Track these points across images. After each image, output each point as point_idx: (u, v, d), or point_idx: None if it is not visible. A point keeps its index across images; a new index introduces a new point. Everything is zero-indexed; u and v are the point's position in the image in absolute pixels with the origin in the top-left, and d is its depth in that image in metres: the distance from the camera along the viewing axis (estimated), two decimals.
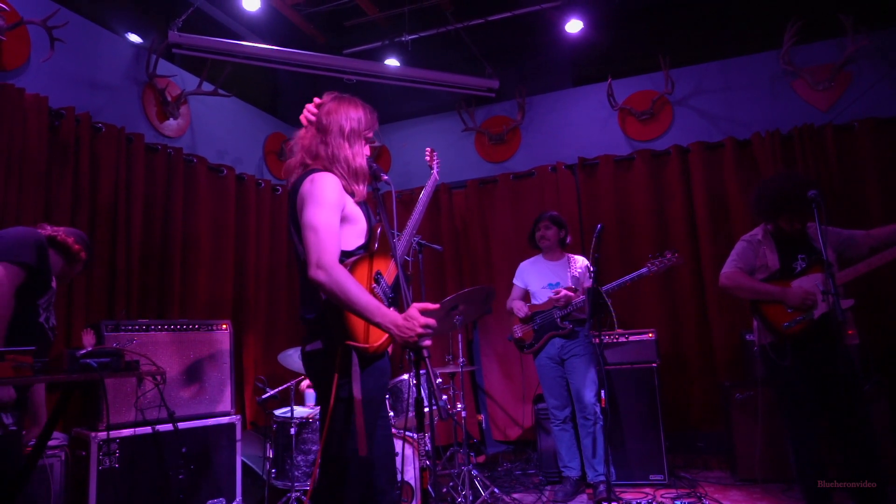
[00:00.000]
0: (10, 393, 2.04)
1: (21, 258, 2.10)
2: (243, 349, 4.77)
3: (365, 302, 1.77)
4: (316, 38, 5.64)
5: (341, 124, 2.00)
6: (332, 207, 1.88)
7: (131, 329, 3.40)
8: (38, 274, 2.19)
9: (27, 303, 2.19)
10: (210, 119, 5.01)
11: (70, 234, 2.46)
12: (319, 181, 1.90)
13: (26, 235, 2.19)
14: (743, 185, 4.73)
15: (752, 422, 3.94)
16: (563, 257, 4.10)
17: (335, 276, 1.76)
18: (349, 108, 2.04)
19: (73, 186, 3.69)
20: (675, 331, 4.84)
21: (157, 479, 3.23)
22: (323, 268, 1.77)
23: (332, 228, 1.85)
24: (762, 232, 3.03)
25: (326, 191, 1.88)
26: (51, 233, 2.39)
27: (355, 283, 1.79)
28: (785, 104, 4.86)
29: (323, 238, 1.81)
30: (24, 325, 2.20)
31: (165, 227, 4.30)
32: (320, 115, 2.03)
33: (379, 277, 2.00)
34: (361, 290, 1.78)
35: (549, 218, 4.09)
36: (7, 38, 3.45)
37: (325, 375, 1.89)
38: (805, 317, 2.82)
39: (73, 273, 2.55)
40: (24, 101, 3.46)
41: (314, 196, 1.87)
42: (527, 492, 4.13)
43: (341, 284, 1.76)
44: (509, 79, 5.53)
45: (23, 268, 2.11)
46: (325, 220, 1.84)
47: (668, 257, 3.83)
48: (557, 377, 3.96)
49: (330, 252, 1.80)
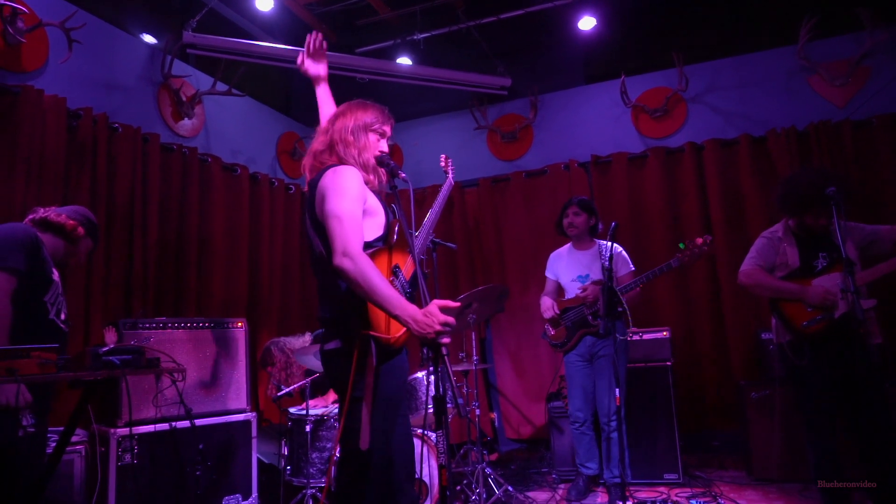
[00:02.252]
0: (26, 396, 2.05)
1: (8, 263, 2.07)
2: (258, 347, 4.81)
3: (387, 293, 1.78)
4: (328, 37, 5.64)
5: (347, 123, 2.08)
6: (355, 198, 1.91)
7: (149, 327, 3.44)
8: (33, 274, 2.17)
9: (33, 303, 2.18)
10: (224, 119, 5.04)
11: (63, 212, 2.40)
12: (342, 173, 1.95)
13: (14, 237, 2.14)
14: (758, 182, 4.69)
15: (768, 421, 3.91)
16: (594, 246, 3.91)
17: (360, 265, 1.77)
18: (357, 110, 2.14)
19: (90, 186, 3.73)
20: (689, 329, 4.81)
21: (175, 476, 3.26)
22: (349, 255, 1.78)
23: (355, 218, 1.87)
24: (783, 228, 2.99)
25: (348, 182, 1.92)
26: (43, 215, 2.34)
27: (378, 273, 1.80)
28: (801, 100, 4.81)
29: (347, 227, 1.83)
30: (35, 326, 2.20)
31: (181, 226, 4.33)
32: (335, 117, 2.12)
33: (397, 271, 2.02)
34: (384, 281, 1.80)
35: (578, 203, 3.89)
36: (26, 40, 3.49)
37: (343, 374, 1.90)
38: (825, 316, 2.79)
39: (80, 251, 2.47)
40: (43, 103, 3.50)
41: (337, 187, 1.91)
42: (540, 490, 4.12)
43: (365, 273, 1.77)
44: (521, 77, 5.52)
45: (12, 273, 2.08)
46: (348, 209, 1.87)
47: (700, 244, 3.42)
48: (586, 377, 3.81)
49: (355, 241, 1.82)
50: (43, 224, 2.33)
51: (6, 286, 2.05)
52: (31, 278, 2.16)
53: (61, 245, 2.39)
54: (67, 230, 2.36)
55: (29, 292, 2.15)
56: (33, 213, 2.37)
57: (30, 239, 2.18)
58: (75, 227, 2.38)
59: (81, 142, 3.71)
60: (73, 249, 2.44)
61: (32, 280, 2.17)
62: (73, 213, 2.45)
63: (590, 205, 3.93)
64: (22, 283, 2.11)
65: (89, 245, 2.53)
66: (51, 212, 2.37)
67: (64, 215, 2.39)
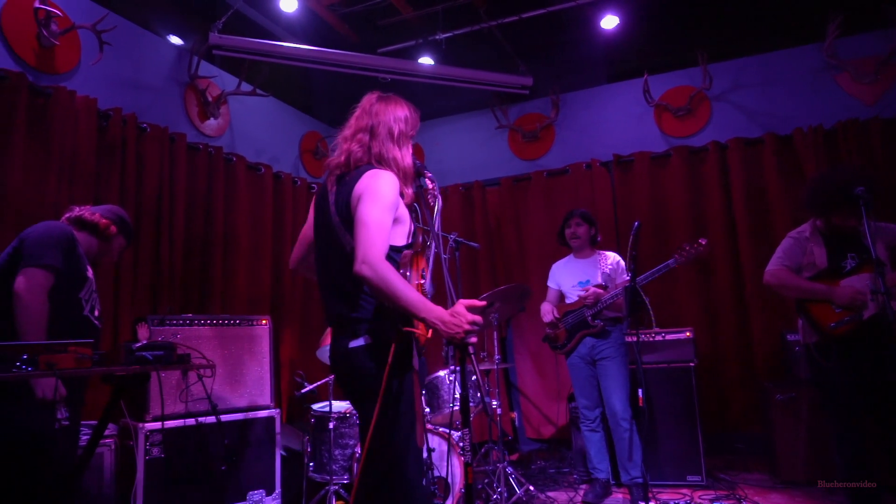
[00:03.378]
0: (61, 390, 2.11)
1: (45, 260, 2.14)
2: (280, 344, 4.87)
3: (411, 297, 1.76)
4: (350, 37, 5.69)
5: (390, 126, 2.02)
6: (388, 207, 1.88)
7: (176, 324, 3.50)
8: (69, 271, 2.23)
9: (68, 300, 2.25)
10: (248, 118, 5.11)
11: (97, 211, 2.47)
12: (381, 179, 1.91)
13: (50, 235, 2.21)
14: (783, 181, 4.63)
15: (794, 423, 3.87)
16: (594, 254, 4.04)
17: (380, 272, 1.75)
18: (396, 109, 2.07)
19: (119, 185, 3.81)
20: (712, 330, 4.77)
21: (201, 470, 3.32)
22: (368, 263, 1.76)
23: (383, 226, 1.84)
24: (810, 228, 2.95)
25: (385, 190, 1.89)
26: (78, 213, 2.40)
27: (400, 278, 1.79)
28: (828, 98, 4.74)
29: (372, 234, 1.80)
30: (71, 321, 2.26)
31: (207, 225, 4.41)
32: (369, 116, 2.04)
33: (425, 275, 2.02)
34: (407, 286, 1.78)
35: (580, 215, 4.03)
36: (60, 43, 3.57)
37: (372, 371, 1.87)
38: (853, 317, 2.75)
39: (113, 249, 2.53)
40: (76, 103, 3.59)
41: (373, 192, 1.88)
42: (561, 490, 4.12)
43: (386, 279, 1.75)
44: (543, 76, 5.51)
45: (49, 270, 2.15)
46: (378, 217, 1.84)
47: (695, 247, 3.62)
48: (589, 377, 3.90)
49: (377, 248, 1.79)
50: (78, 222, 2.40)
51: (44, 282, 2.12)
52: (67, 275, 2.22)
53: (95, 243, 2.46)
54: (101, 228, 2.42)
55: (65, 289, 2.22)
56: (69, 212, 2.44)
57: (66, 237, 2.25)
58: (108, 226, 2.45)
59: (111, 141, 3.79)
60: (106, 247, 2.50)
61: (68, 277, 2.23)
62: (106, 211, 2.52)
63: (590, 216, 4.06)
64: (58, 279, 2.18)
65: (122, 243, 2.59)
66: (85, 210, 2.43)
67: (98, 214, 2.45)
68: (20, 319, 2.07)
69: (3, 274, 2.19)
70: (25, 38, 3.48)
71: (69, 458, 2.32)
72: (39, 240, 2.18)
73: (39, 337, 2.06)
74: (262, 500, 3.55)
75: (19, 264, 2.14)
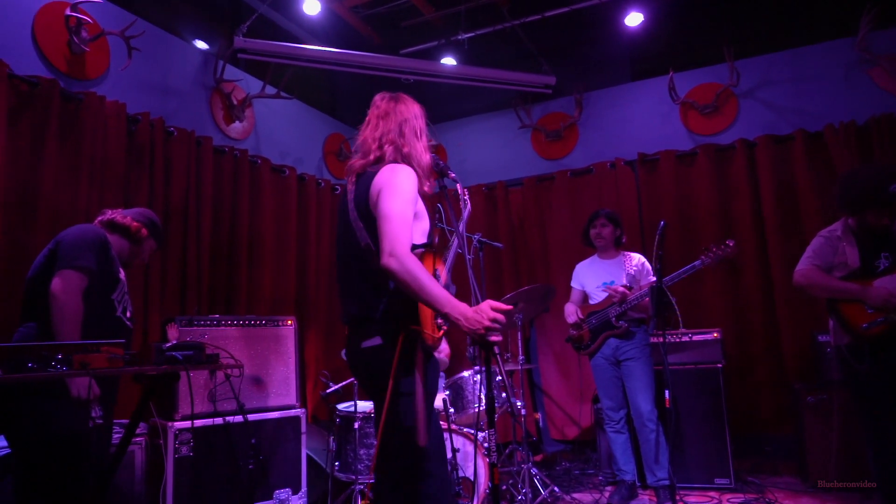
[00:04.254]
0: (95, 389, 2.16)
1: (80, 262, 2.20)
2: (305, 345, 4.91)
3: (437, 292, 1.78)
4: (373, 39, 5.73)
5: (413, 124, 2.07)
6: (409, 200, 1.90)
7: (203, 324, 3.55)
8: (103, 273, 2.29)
9: (101, 301, 2.31)
10: (272, 121, 5.17)
11: (128, 214, 2.53)
12: (400, 173, 1.94)
13: (84, 238, 2.28)
14: (814, 179, 4.53)
15: (825, 426, 3.78)
16: (619, 255, 4.00)
17: (408, 265, 1.77)
18: (411, 106, 2.12)
19: (148, 188, 3.88)
20: (741, 331, 4.69)
21: (228, 469, 3.36)
22: (395, 256, 1.78)
23: (406, 219, 1.86)
24: (842, 227, 2.88)
25: (405, 183, 1.92)
26: (110, 216, 2.47)
27: (426, 272, 1.80)
28: (861, 94, 4.62)
29: (396, 227, 1.82)
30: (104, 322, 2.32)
31: (233, 226, 4.46)
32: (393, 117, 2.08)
33: (437, 275, 2.03)
34: (433, 280, 1.80)
35: (605, 215, 3.99)
36: (90, 49, 3.65)
37: (382, 370, 1.90)
38: (887, 318, 2.67)
39: (144, 251, 2.60)
40: (105, 108, 3.66)
41: (393, 186, 1.90)
42: (586, 491, 4.09)
43: (413, 273, 1.77)
44: (566, 75, 5.47)
45: (84, 272, 2.21)
46: (400, 210, 1.86)
47: (722, 248, 3.58)
48: (613, 378, 3.86)
49: (403, 241, 1.81)
50: (110, 225, 2.46)
51: (79, 284, 2.18)
52: (100, 277, 2.28)
53: (126, 245, 2.51)
54: (132, 231, 2.48)
55: (98, 290, 2.27)
56: (101, 215, 2.51)
57: (99, 240, 2.31)
58: (139, 229, 2.51)
59: (140, 145, 3.86)
60: (137, 250, 2.56)
61: (102, 279, 2.29)
62: (137, 215, 2.57)
63: (616, 217, 4.02)
64: (92, 281, 2.23)
65: (153, 246, 2.65)
66: (117, 214, 2.50)
67: (129, 217, 2.51)
68: (56, 320, 2.13)
69: (40, 275, 2.25)
70: (57, 45, 3.56)
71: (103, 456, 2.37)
72: (74, 242, 2.24)
73: (74, 337, 2.12)
74: (288, 498, 3.59)
75: (55, 266, 2.20)
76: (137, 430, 3.04)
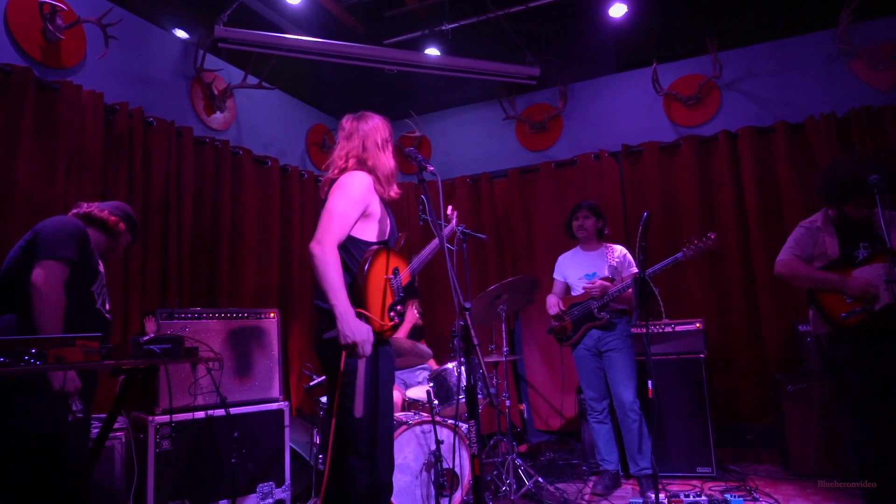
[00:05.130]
0: (76, 383, 2.13)
1: (62, 253, 2.17)
2: (288, 337, 4.88)
3: (336, 284, 1.97)
4: (356, 29, 5.67)
5: (374, 138, 2.28)
6: (353, 199, 2.11)
7: (184, 317, 3.50)
8: (84, 264, 2.26)
9: (82, 292, 2.27)
10: (255, 112, 5.10)
11: (105, 208, 2.50)
12: (352, 177, 2.16)
13: (64, 229, 2.25)
14: (795, 170, 4.57)
15: (806, 415, 3.84)
16: (601, 247, 4.01)
17: (327, 255, 2.00)
18: (370, 120, 2.32)
19: (127, 179, 3.82)
20: (723, 321, 4.73)
21: (211, 463, 3.33)
22: (320, 243, 2.01)
23: (344, 216, 2.08)
24: (822, 218, 2.91)
25: (354, 186, 2.13)
26: (86, 210, 2.44)
27: (338, 268, 2.01)
28: (841, 85, 4.66)
29: (334, 221, 2.06)
30: (84, 314, 2.29)
31: (214, 218, 4.41)
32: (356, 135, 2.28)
33: (396, 272, 2.20)
34: (339, 276, 1.99)
35: (587, 207, 3.99)
36: (65, 37, 3.57)
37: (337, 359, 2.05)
38: (865, 308, 2.71)
39: (120, 245, 2.58)
40: (82, 98, 3.59)
41: (342, 187, 2.14)
42: (570, 481, 4.11)
43: (327, 263, 1.99)
44: (551, 66, 5.46)
45: (66, 263, 2.18)
46: (341, 207, 2.08)
47: (704, 241, 3.61)
48: (595, 368, 3.89)
49: (333, 233, 2.04)
50: (87, 218, 2.41)
51: (60, 274, 2.14)
52: (81, 268, 2.24)
53: (103, 239, 2.48)
54: (109, 225, 2.45)
55: (79, 282, 2.24)
56: (77, 208, 2.45)
57: (79, 231, 2.27)
58: (117, 223, 2.47)
59: (118, 136, 3.79)
60: (113, 244, 2.52)
61: (83, 270, 2.25)
62: (114, 209, 2.53)
63: (598, 209, 4.02)
64: (73, 272, 2.20)
65: (128, 240, 2.61)
66: (94, 207, 2.46)
67: (106, 211, 2.47)
68: (38, 311, 2.08)
69: (17, 266, 2.21)
70: (31, 32, 3.48)
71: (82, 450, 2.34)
72: (55, 233, 2.20)
73: (56, 328, 2.09)
74: (271, 492, 3.57)
75: (35, 257, 2.16)
76: (117, 424, 3.02)
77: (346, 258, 2.11)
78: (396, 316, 2.17)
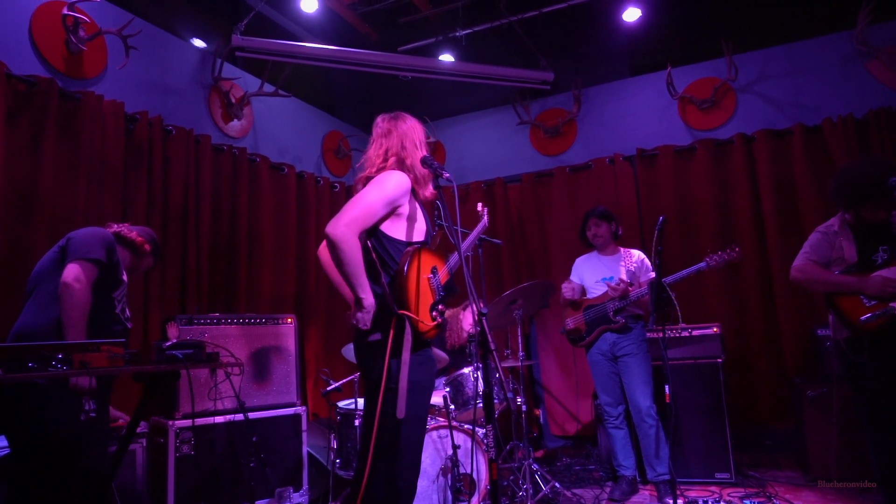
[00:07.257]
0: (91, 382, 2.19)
1: (92, 255, 2.30)
2: (305, 342, 4.91)
3: (357, 269, 1.95)
4: (371, 36, 5.72)
5: (411, 136, 2.25)
6: (385, 194, 2.06)
7: (203, 323, 3.55)
8: (110, 269, 2.37)
9: (104, 296, 2.37)
10: (271, 119, 5.16)
11: (134, 230, 2.67)
12: (388, 174, 2.12)
13: (96, 234, 2.40)
14: (813, 173, 4.53)
15: (826, 420, 3.79)
16: (618, 252, 4.00)
17: (346, 237, 1.93)
18: (409, 121, 2.30)
19: (147, 187, 3.88)
20: (740, 325, 4.69)
21: (230, 467, 3.37)
22: (340, 226, 1.94)
23: (371, 207, 2.03)
24: (839, 222, 2.88)
25: (389, 182, 2.09)
26: (116, 229, 2.59)
27: (358, 254, 1.97)
28: (859, 87, 4.62)
29: (360, 210, 2.00)
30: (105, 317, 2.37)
31: (232, 225, 4.46)
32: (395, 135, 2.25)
33: (435, 271, 2.16)
34: (359, 261, 1.96)
35: (597, 215, 3.98)
36: (87, 48, 3.65)
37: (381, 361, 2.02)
38: (885, 311, 2.67)
39: (142, 266, 2.73)
40: (103, 107, 3.66)
41: (377, 181, 2.11)
42: (587, 487, 4.09)
43: (347, 246, 1.93)
44: (564, 70, 5.47)
45: (95, 264, 2.31)
46: (370, 198, 2.04)
47: (728, 252, 3.64)
48: (610, 373, 3.87)
49: (356, 219, 1.98)
50: (116, 237, 2.52)
51: (90, 274, 2.25)
52: (108, 272, 2.33)
53: (128, 257, 2.62)
54: (137, 245, 2.59)
55: (104, 285, 2.33)
56: (108, 227, 2.57)
57: (109, 238, 2.41)
58: (143, 244, 2.61)
59: (138, 144, 3.86)
60: (136, 263, 2.66)
61: (109, 274, 2.34)
62: (142, 231, 2.70)
63: (608, 213, 4.01)
64: (101, 275, 2.29)
65: (150, 263, 2.75)
66: (123, 227, 2.61)
67: (135, 232, 2.62)
68: (66, 308, 2.19)
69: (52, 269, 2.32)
70: (54, 44, 3.56)
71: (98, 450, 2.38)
72: (87, 237, 2.35)
73: (82, 326, 2.19)
74: (289, 496, 3.60)
75: (66, 259, 2.29)
76: (138, 429, 3.06)
77: (383, 256, 2.09)
78: (438, 315, 2.13)
